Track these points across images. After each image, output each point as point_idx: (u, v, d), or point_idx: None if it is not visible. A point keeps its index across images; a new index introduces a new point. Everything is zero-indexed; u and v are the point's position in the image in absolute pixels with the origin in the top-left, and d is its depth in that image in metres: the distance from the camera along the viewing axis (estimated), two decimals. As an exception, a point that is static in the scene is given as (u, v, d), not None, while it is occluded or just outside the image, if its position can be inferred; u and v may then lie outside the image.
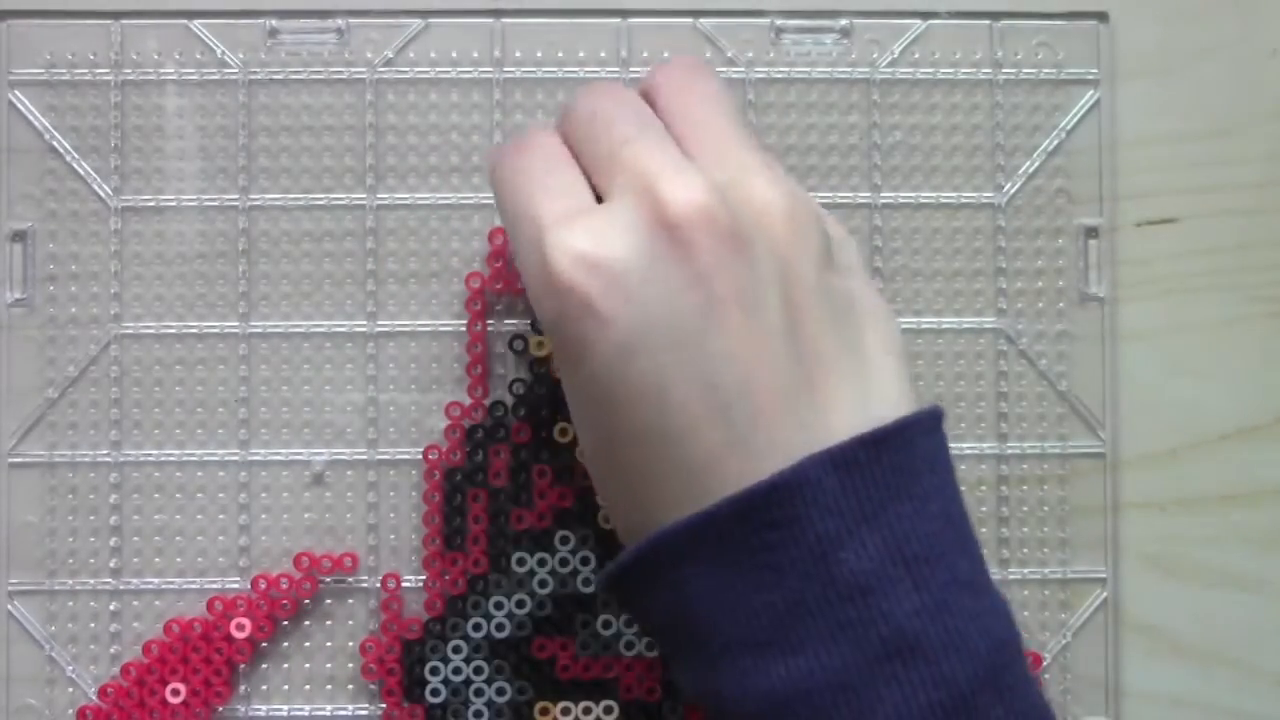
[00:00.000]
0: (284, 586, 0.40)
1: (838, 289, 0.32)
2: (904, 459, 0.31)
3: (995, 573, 0.41)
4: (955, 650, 0.30)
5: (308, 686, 0.40)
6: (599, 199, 0.32)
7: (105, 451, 0.40)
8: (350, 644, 0.40)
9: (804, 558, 0.30)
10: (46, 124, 0.41)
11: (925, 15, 0.41)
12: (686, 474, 0.31)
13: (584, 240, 0.31)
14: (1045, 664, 0.41)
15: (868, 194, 0.41)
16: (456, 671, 0.40)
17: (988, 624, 0.31)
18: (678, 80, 0.34)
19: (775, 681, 0.30)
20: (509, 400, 0.40)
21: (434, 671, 0.40)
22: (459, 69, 0.41)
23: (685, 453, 0.31)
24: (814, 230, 0.32)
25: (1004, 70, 0.41)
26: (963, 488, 0.40)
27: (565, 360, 0.32)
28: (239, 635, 0.40)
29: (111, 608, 0.40)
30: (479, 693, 0.40)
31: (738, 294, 0.30)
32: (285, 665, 0.40)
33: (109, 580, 0.40)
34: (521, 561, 0.40)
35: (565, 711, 0.40)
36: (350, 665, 0.40)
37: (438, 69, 0.41)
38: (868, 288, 0.33)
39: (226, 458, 0.41)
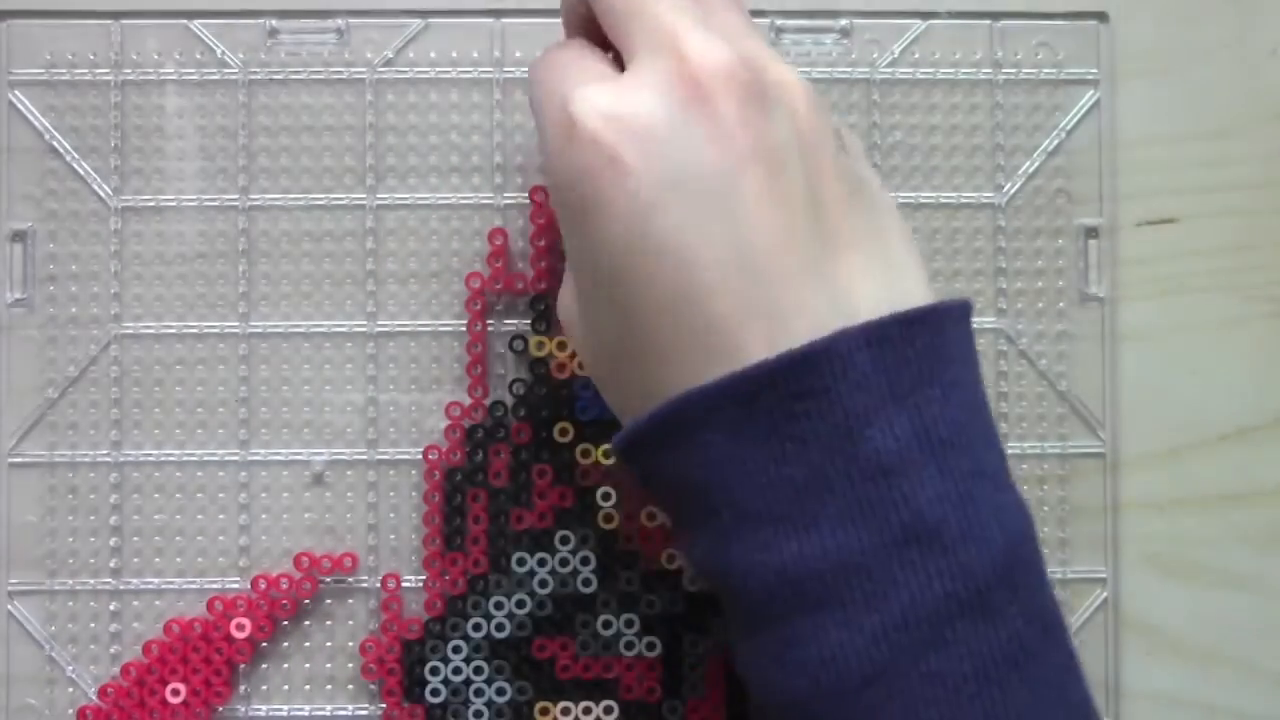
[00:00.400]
0: (284, 586, 0.40)
1: (851, 171, 0.32)
2: (937, 343, 0.30)
3: (995, 573, 0.41)
4: (974, 541, 0.29)
5: (308, 686, 0.40)
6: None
7: (105, 451, 0.40)
8: (350, 644, 0.40)
9: (829, 432, 0.29)
10: (46, 124, 0.41)
11: (925, 15, 0.41)
12: (710, 339, 0.30)
13: (608, 97, 0.31)
14: (1045, 664, 0.41)
15: (868, 194, 0.41)
16: (456, 671, 0.40)
17: (1007, 518, 0.30)
18: None
19: (787, 557, 0.29)
20: (509, 400, 0.40)
21: (434, 671, 0.40)
22: (459, 69, 0.41)
23: (709, 316, 0.30)
24: (828, 113, 0.32)
25: (1004, 70, 0.41)
26: (963, 488, 0.41)
27: (583, 222, 0.31)
28: (239, 635, 0.40)
29: (111, 608, 0.40)
30: (479, 693, 0.40)
31: (762, 152, 0.30)
32: (285, 665, 0.40)
33: (109, 580, 0.40)
34: (521, 561, 0.40)
35: (565, 711, 0.40)
36: (350, 665, 0.40)
37: (438, 69, 0.41)
38: (876, 178, 0.33)
39: (226, 458, 0.41)
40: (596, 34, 0.34)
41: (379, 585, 0.40)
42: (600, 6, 0.33)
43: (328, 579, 0.40)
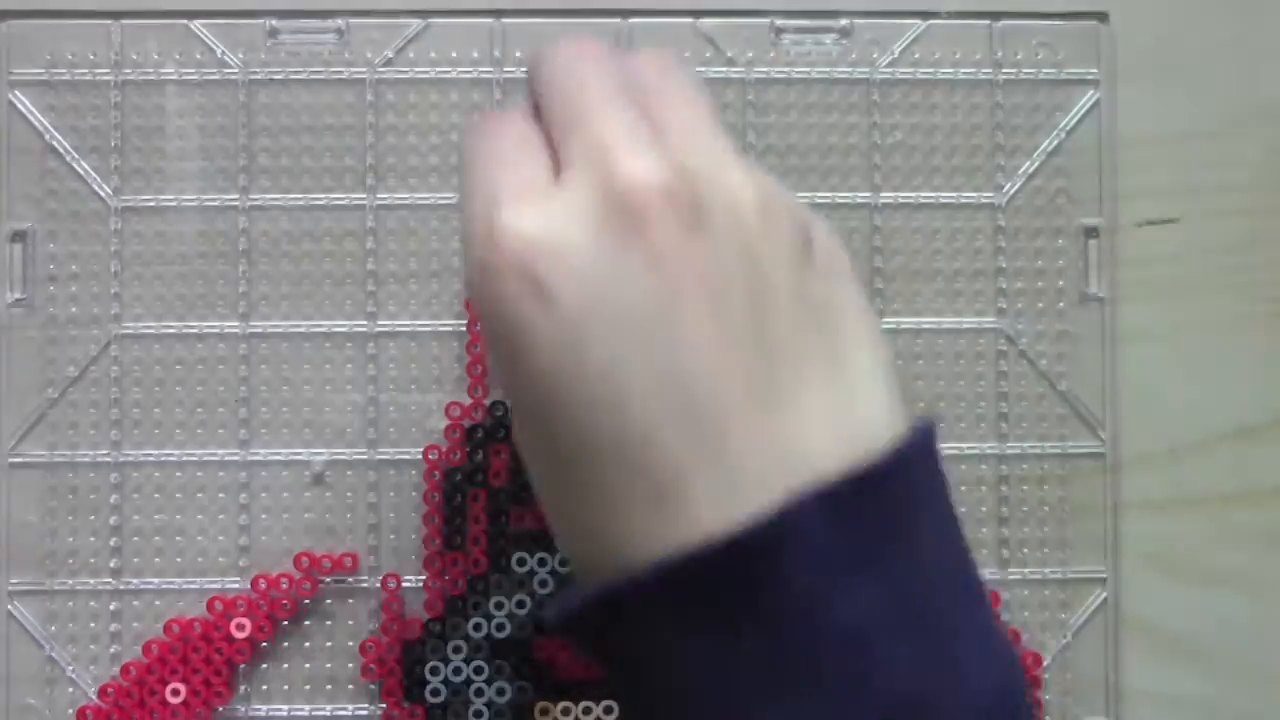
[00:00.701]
0: (284, 586, 0.40)
1: (814, 292, 0.29)
2: (898, 493, 0.27)
3: (995, 573, 0.41)
4: (960, 706, 0.27)
5: (308, 686, 0.40)
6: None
7: (105, 451, 0.40)
8: (350, 644, 0.40)
9: (790, 611, 0.26)
10: (46, 124, 0.41)
11: (925, 15, 0.41)
12: (649, 491, 0.27)
13: (533, 219, 0.28)
14: (1045, 664, 0.41)
15: (868, 194, 0.41)
16: (456, 671, 0.40)
17: (991, 670, 0.28)
18: (661, 63, 0.31)
19: None
20: (509, 400, 0.40)
21: (434, 671, 0.40)
22: (459, 69, 0.41)
23: (647, 463, 0.27)
24: (788, 226, 0.29)
25: (1004, 70, 0.41)
26: (963, 488, 0.41)
27: (507, 356, 0.28)
28: (239, 635, 0.40)
29: (111, 608, 0.40)
30: (479, 693, 0.40)
31: (698, 286, 0.27)
32: (285, 665, 0.40)
33: (109, 580, 0.40)
34: (521, 561, 0.40)
35: (565, 711, 0.40)
36: (350, 665, 0.40)
37: (438, 69, 0.41)
38: (851, 295, 0.30)
39: (226, 458, 0.41)
40: None
41: (379, 585, 0.40)
42: (544, 113, 0.30)
43: (328, 579, 0.40)
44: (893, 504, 0.27)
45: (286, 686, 0.40)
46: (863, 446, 0.27)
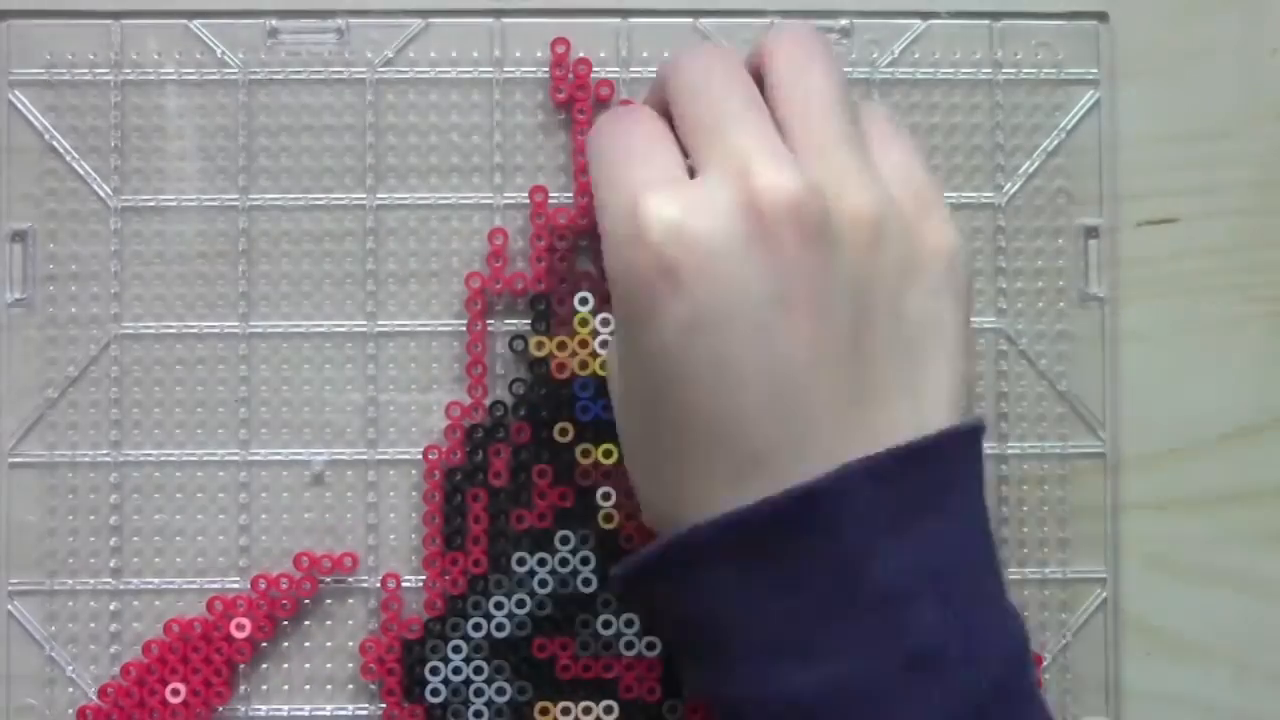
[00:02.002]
0: (284, 586, 0.40)
1: (914, 307, 0.32)
2: (939, 473, 0.31)
3: (995, 573, 0.41)
4: (974, 662, 0.30)
5: (308, 686, 0.40)
6: (690, 170, 0.32)
7: (105, 451, 0.40)
8: (350, 644, 0.40)
9: (834, 565, 0.30)
10: (46, 124, 0.41)
11: (925, 15, 0.41)
12: (735, 464, 0.31)
13: (675, 209, 0.31)
14: (1045, 664, 0.41)
15: (868, 194, 0.41)
16: (456, 671, 0.40)
17: (1002, 637, 0.32)
18: (794, 60, 0.33)
19: (798, 687, 0.30)
20: (509, 400, 0.40)
21: (434, 671, 0.40)
22: (459, 69, 0.41)
23: (735, 441, 0.31)
24: (901, 243, 0.32)
25: (1004, 70, 0.41)
26: (963, 488, 0.41)
27: (632, 327, 0.32)
28: (239, 635, 0.40)
29: (111, 608, 0.40)
30: (479, 693, 0.40)
31: (811, 295, 0.30)
32: (285, 665, 0.40)
33: (109, 580, 0.40)
34: (521, 561, 0.40)
35: (565, 711, 0.40)
36: (350, 665, 0.40)
37: (438, 69, 0.41)
38: (952, 310, 0.33)
39: (226, 458, 0.41)
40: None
41: (379, 585, 0.40)
42: (679, 117, 0.33)
43: (328, 579, 0.40)
44: (931, 482, 0.31)
45: (286, 686, 0.40)
46: (919, 434, 0.31)
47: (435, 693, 0.40)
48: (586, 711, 0.40)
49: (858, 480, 0.30)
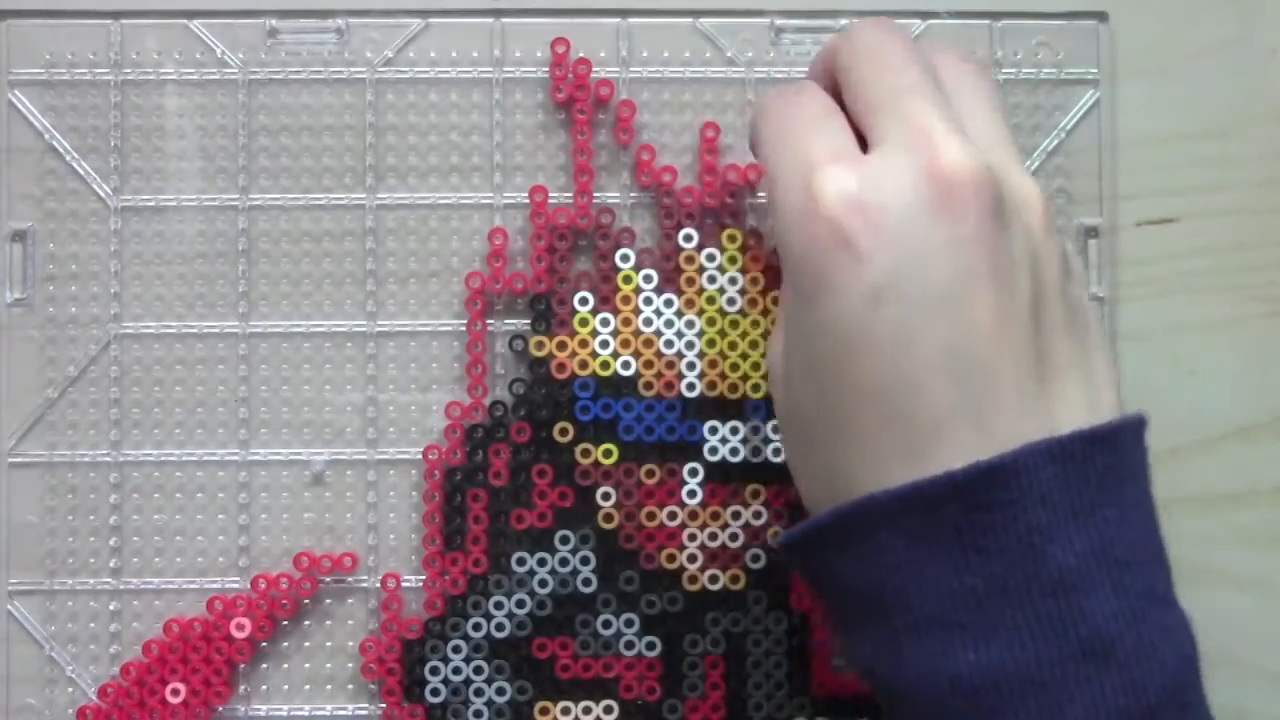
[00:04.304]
0: (284, 586, 0.40)
1: (1073, 295, 0.33)
2: (1116, 462, 0.31)
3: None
4: (1147, 659, 0.30)
5: (308, 686, 0.40)
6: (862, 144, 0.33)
7: (105, 451, 0.40)
8: (350, 644, 0.40)
9: (1012, 545, 0.30)
10: (46, 124, 0.41)
11: (925, 15, 0.41)
12: (909, 436, 0.30)
13: (852, 180, 0.31)
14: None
15: (868, 194, 0.41)
16: (456, 671, 0.40)
17: (1177, 639, 0.31)
18: (958, 57, 0.34)
19: (963, 666, 0.30)
20: (509, 400, 0.40)
21: (434, 671, 0.40)
22: (459, 69, 0.41)
23: (914, 411, 0.30)
24: (1058, 236, 0.33)
25: (1004, 70, 0.41)
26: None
27: (809, 300, 0.32)
28: (239, 635, 0.40)
29: (111, 608, 0.40)
30: (479, 693, 0.40)
31: (994, 269, 0.31)
32: (285, 665, 0.40)
33: (109, 580, 0.40)
34: (521, 561, 0.40)
35: (565, 711, 0.40)
36: (350, 665, 0.40)
37: (438, 69, 0.41)
38: (1090, 305, 0.34)
39: (226, 458, 0.41)
40: (838, 89, 0.34)
41: (379, 585, 0.40)
42: (852, 89, 0.33)
43: (328, 579, 0.40)
44: (1109, 470, 0.31)
45: (286, 686, 0.40)
46: (1092, 422, 0.31)
47: (435, 693, 0.40)
48: (586, 711, 0.40)
49: (1042, 460, 0.30)
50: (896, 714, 0.32)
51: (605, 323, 0.40)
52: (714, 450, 0.40)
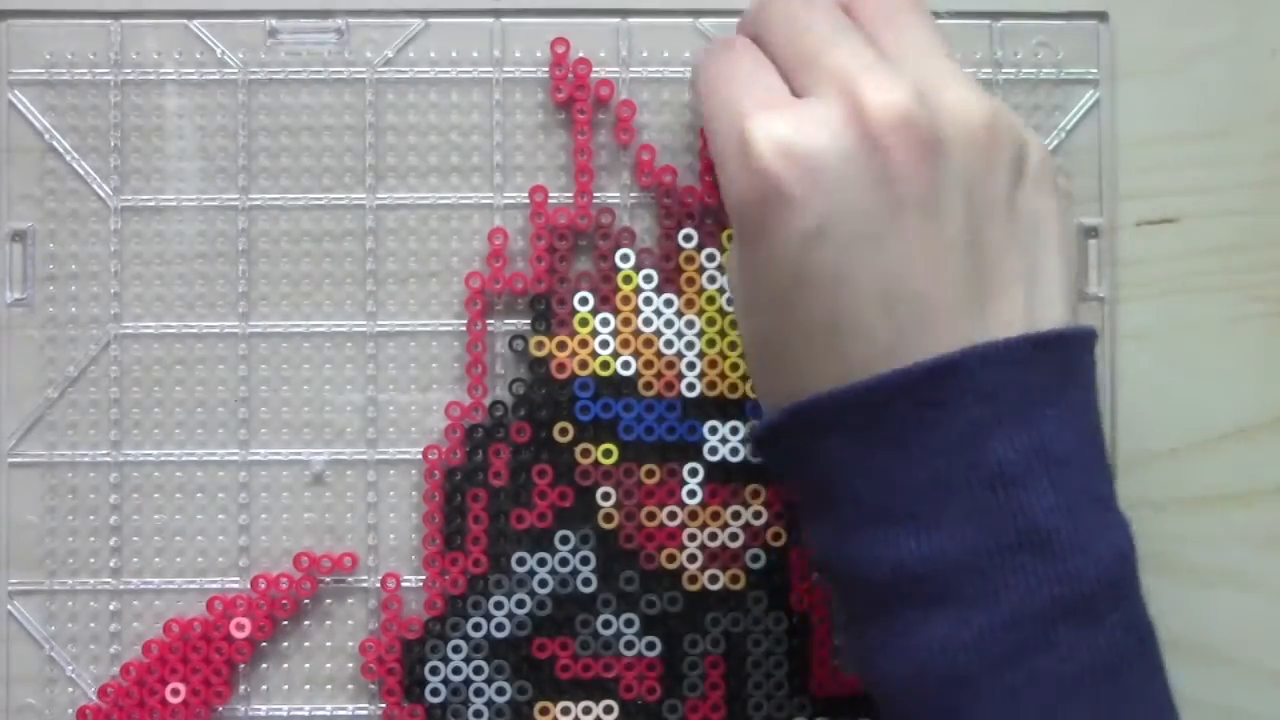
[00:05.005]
0: (284, 586, 0.40)
1: (1025, 206, 0.33)
2: (1061, 367, 0.32)
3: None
4: (1082, 552, 0.31)
5: (308, 686, 0.40)
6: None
7: (105, 451, 0.40)
8: (350, 644, 0.40)
9: (954, 440, 0.31)
10: (46, 124, 0.41)
11: (925, 15, 0.41)
12: (854, 367, 0.32)
13: (784, 128, 0.32)
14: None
15: (868, 194, 0.41)
16: (456, 671, 0.40)
17: (1114, 536, 0.32)
18: None
19: (905, 554, 0.31)
20: (509, 400, 0.40)
21: (434, 671, 0.40)
22: (459, 69, 0.41)
23: (856, 343, 0.32)
24: (1009, 142, 0.33)
25: (1004, 70, 0.41)
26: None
27: (749, 244, 0.33)
28: (239, 635, 0.40)
29: (111, 608, 0.40)
30: (479, 693, 0.40)
31: (921, 200, 0.31)
32: (285, 665, 0.40)
33: (109, 580, 0.40)
34: (521, 561, 0.40)
35: (565, 711, 0.40)
36: (350, 665, 0.40)
37: (438, 69, 0.41)
38: (1053, 204, 0.34)
39: (226, 458, 0.41)
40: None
41: (379, 585, 0.40)
42: (772, 46, 0.34)
43: (328, 579, 0.40)
44: (1052, 374, 0.32)
45: (286, 686, 0.40)
46: (1037, 328, 0.32)
47: (435, 693, 0.40)
48: (586, 711, 0.40)
49: (984, 360, 0.31)
50: (845, 599, 0.34)
51: (605, 323, 0.40)
52: (714, 450, 0.40)
